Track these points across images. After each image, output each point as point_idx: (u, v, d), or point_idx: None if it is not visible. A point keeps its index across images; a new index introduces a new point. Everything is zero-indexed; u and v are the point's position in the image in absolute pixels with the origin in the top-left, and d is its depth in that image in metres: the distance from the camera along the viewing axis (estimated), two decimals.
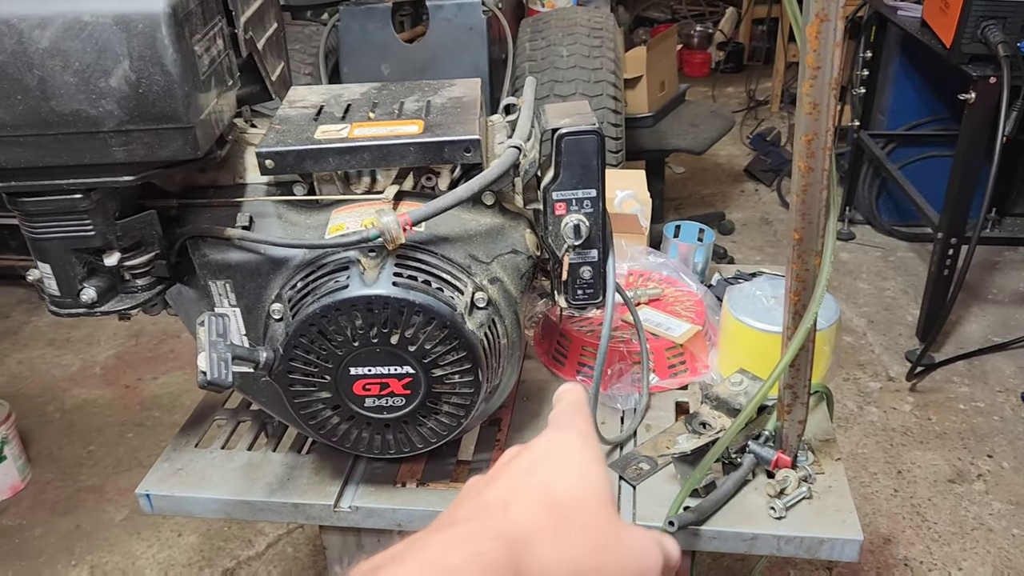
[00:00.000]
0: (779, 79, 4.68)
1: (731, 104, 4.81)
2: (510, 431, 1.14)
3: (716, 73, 5.27)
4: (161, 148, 0.85)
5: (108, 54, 0.80)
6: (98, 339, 3.19)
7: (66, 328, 3.26)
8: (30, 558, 2.29)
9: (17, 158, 0.83)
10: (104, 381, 2.97)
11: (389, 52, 2.28)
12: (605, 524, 0.46)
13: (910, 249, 3.45)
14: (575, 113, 0.95)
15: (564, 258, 0.96)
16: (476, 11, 2.24)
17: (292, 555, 2.28)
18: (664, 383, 1.18)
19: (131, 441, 2.69)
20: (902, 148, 3.40)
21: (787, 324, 0.93)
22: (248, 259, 0.96)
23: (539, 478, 0.47)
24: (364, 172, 1.02)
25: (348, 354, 0.92)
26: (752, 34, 5.34)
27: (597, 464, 0.49)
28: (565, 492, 0.46)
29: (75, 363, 3.07)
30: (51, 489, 2.52)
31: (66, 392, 2.92)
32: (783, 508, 0.96)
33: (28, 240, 0.90)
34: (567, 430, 0.52)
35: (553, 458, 0.49)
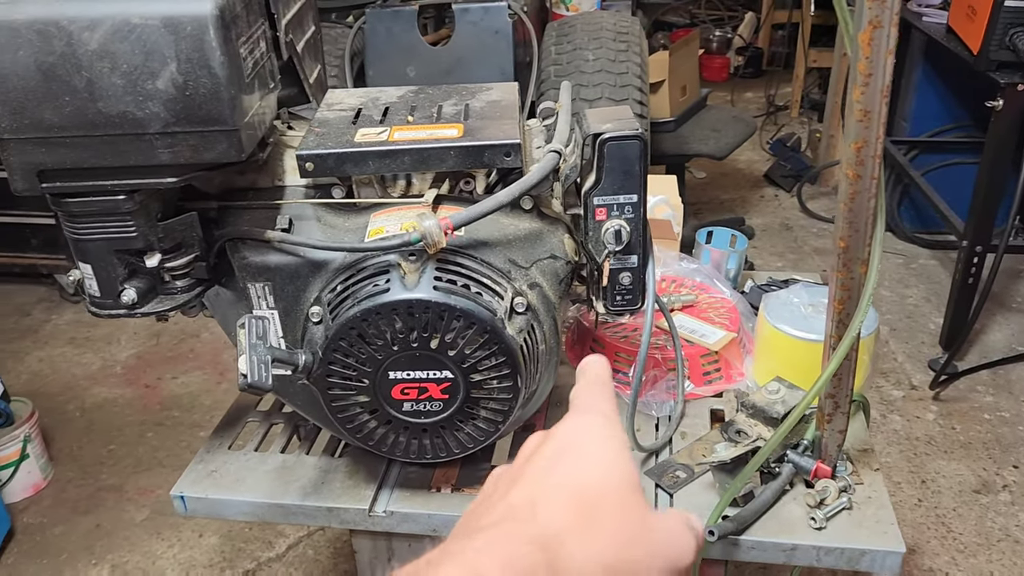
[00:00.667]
0: (799, 84, 4.66)
1: (750, 109, 4.80)
2: None
3: (735, 78, 5.25)
4: (206, 150, 0.85)
5: (156, 56, 0.80)
6: (118, 338, 3.21)
7: (86, 327, 3.28)
8: (51, 556, 2.30)
9: (63, 159, 0.84)
10: (124, 380, 2.98)
11: (415, 55, 2.28)
12: (635, 515, 0.45)
13: (932, 256, 3.43)
14: (617, 118, 0.95)
15: (604, 264, 0.95)
16: (502, 14, 2.24)
17: (313, 557, 2.28)
18: (699, 390, 1.17)
19: (151, 441, 2.69)
20: (924, 155, 3.38)
21: (830, 333, 0.92)
22: (287, 262, 0.96)
23: (564, 471, 0.46)
24: (402, 175, 1.02)
25: (387, 358, 0.92)
26: (772, 39, 5.32)
27: (622, 451, 0.47)
28: (592, 485, 0.45)
29: (96, 362, 3.08)
30: (72, 488, 2.53)
31: (87, 391, 2.93)
32: (823, 518, 0.95)
33: (70, 241, 0.91)
34: (589, 414, 0.50)
35: (576, 448, 0.47)
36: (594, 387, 0.53)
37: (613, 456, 0.46)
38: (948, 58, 3.01)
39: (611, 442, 0.47)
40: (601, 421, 0.49)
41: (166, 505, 2.45)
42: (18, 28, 0.79)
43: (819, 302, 1.15)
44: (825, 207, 3.84)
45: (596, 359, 0.57)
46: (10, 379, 2.64)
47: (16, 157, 0.83)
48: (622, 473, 0.46)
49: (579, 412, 0.51)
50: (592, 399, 0.52)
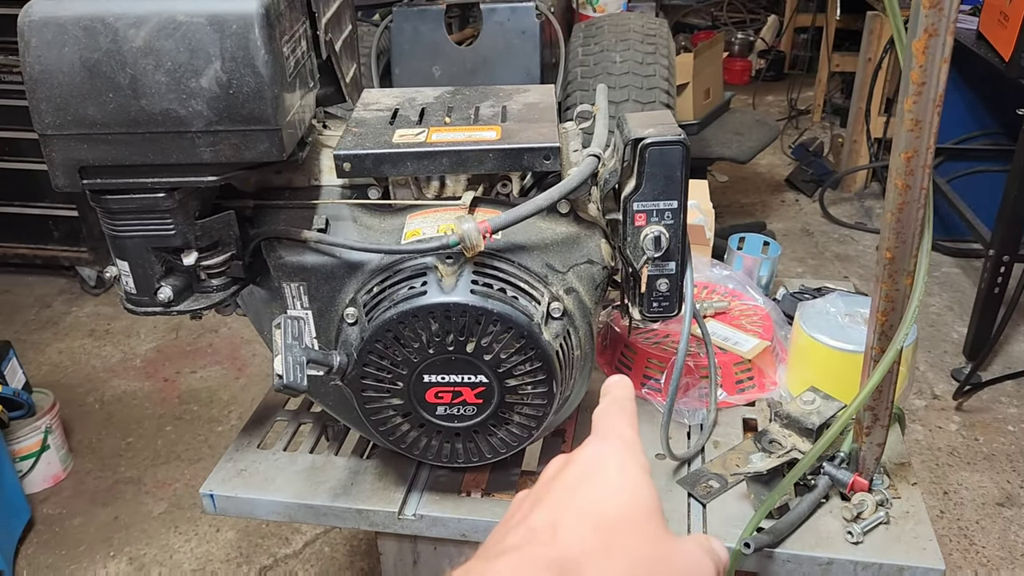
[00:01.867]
0: (821, 89, 4.63)
1: (771, 113, 4.77)
2: (574, 442, 1.12)
3: (756, 81, 5.22)
4: (247, 149, 0.84)
5: (200, 54, 0.80)
6: (138, 331, 3.22)
7: (106, 319, 3.29)
8: (70, 547, 2.31)
9: (105, 156, 0.83)
10: (144, 373, 2.99)
11: (441, 54, 2.28)
12: (655, 541, 0.45)
13: (955, 265, 3.40)
14: (658, 123, 0.94)
15: (643, 270, 0.94)
16: (529, 15, 2.23)
17: (329, 555, 2.28)
18: (731, 399, 1.16)
19: (169, 434, 2.70)
20: (950, 162, 3.35)
21: (871, 344, 0.91)
22: (323, 262, 0.96)
23: (585, 497, 0.46)
24: (437, 177, 1.01)
25: (422, 361, 0.91)
26: (794, 43, 5.29)
27: (642, 476, 0.48)
28: (612, 511, 0.45)
29: (115, 355, 3.09)
30: (91, 480, 2.54)
31: (106, 383, 2.94)
32: (860, 533, 0.94)
33: (108, 237, 0.90)
34: (610, 440, 0.50)
35: (598, 473, 0.48)
36: (617, 410, 0.54)
37: (634, 482, 0.47)
38: (977, 64, 2.98)
39: (632, 468, 0.48)
40: (622, 447, 0.49)
41: (183, 499, 2.46)
42: (64, 24, 0.78)
43: (856, 312, 1.13)
44: (847, 213, 3.82)
45: (620, 380, 0.57)
46: (31, 370, 2.65)
47: (58, 153, 0.83)
48: (643, 499, 0.46)
49: (600, 437, 0.51)
50: (614, 422, 0.52)
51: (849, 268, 3.40)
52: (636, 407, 0.55)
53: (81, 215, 3.25)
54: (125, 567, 2.24)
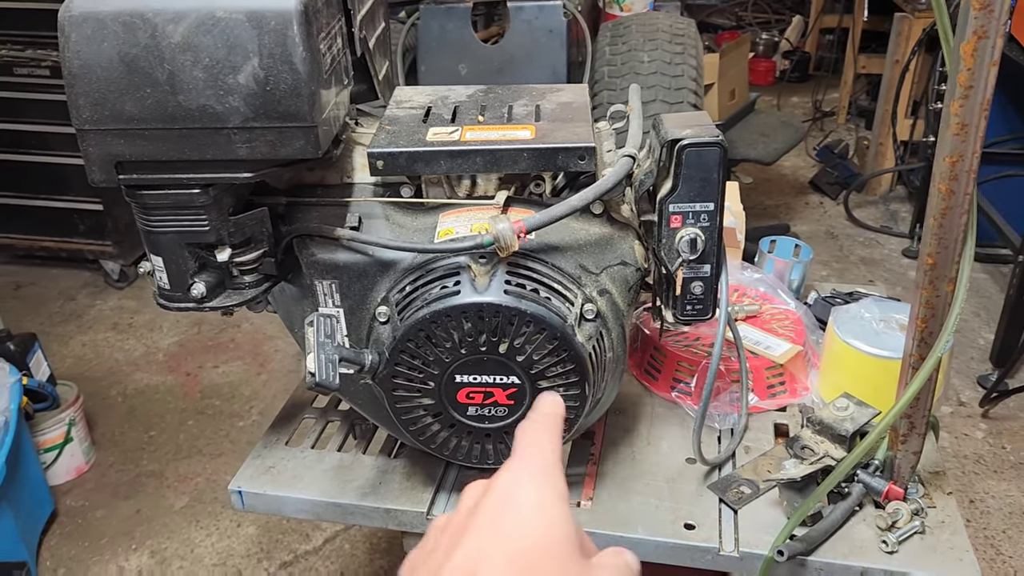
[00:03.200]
0: (847, 90, 4.59)
1: (796, 114, 4.73)
2: (603, 444, 1.11)
3: (781, 82, 5.18)
4: (283, 146, 0.84)
5: (238, 50, 0.79)
6: (160, 325, 3.23)
7: (129, 313, 3.32)
8: (93, 539, 2.32)
9: (141, 151, 0.83)
10: (166, 367, 3.00)
11: (467, 52, 2.27)
12: (570, 570, 0.45)
13: (983, 270, 3.36)
14: (696, 124, 0.93)
15: (678, 272, 0.93)
16: (557, 13, 2.22)
17: (349, 552, 2.28)
18: (762, 403, 1.15)
19: (191, 429, 2.71)
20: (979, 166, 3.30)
21: (910, 351, 0.89)
22: (356, 260, 0.95)
23: (504, 532, 0.46)
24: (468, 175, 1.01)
25: (454, 361, 0.91)
26: (819, 44, 5.24)
27: (559, 505, 0.47)
28: (531, 546, 0.45)
29: (138, 348, 3.11)
30: (113, 472, 2.55)
31: (129, 377, 2.96)
32: (895, 542, 0.93)
33: (143, 233, 0.90)
34: (528, 461, 0.50)
35: (515, 504, 0.47)
36: (540, 427, 0.53)
37: (550, 512, 0.47)
38: (1008, 67, 2.94)
39: (548, 496, 0.48)
40: (539, 472, 0.49)
41: (205, 493, 2.47)
42: (104, 20, 0.78)
43: (890, 317, 1.12)
44: (872, 216, 3.78)
45: (552, 397, 0.57)
46: (54, 362, 2.67)
47: (95, 148, 0.83)
48: (558, 529, 0.46)
49: (519, 457, 0.50)
50: (535, 440, 0.52)
51: (874, 272, 3.37)
52: (562, 427, 0.54)
53: (106, 209, 3.27)
54: (147, 560, 2.25)
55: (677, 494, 1.03)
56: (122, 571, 2.22)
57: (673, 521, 0.99)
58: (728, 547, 0.95)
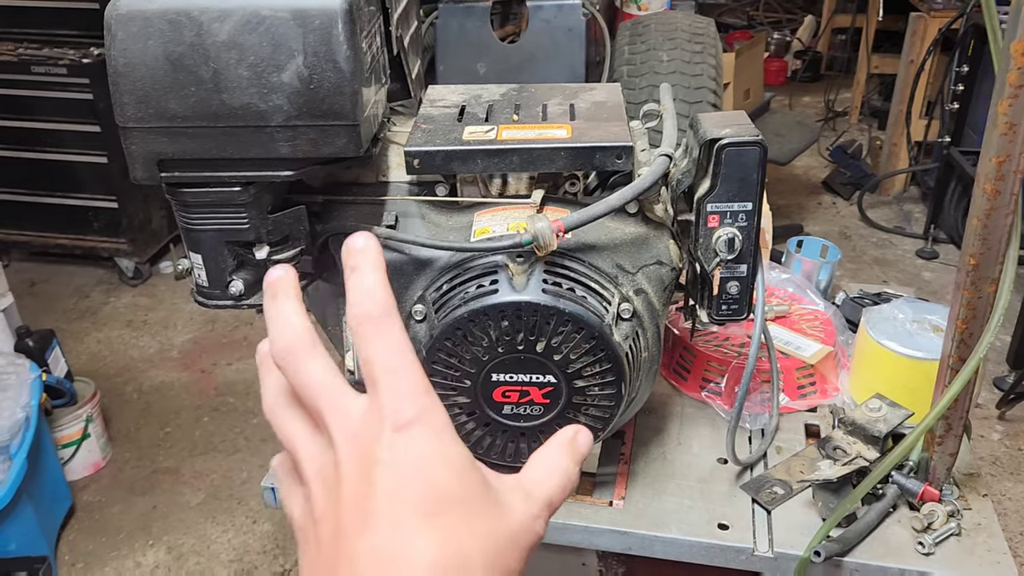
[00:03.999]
0: (859, 90, 4.58)
1: (808, 114, 4.72)
2: (634, 444, 1.11)
3: (792, 82, 5.17)
4: (325, 145, 0.84)
5: (283, 49, 0.80)
6: (175, 322, 3.24)
7: (143, 310, 3.32)
8: (110, 534, 2.33)
9: (184, 149, 0.83)
10: (181, 364, 3.01)
11: (486, 51, 2.27)
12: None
13: None
14: (734, 123, 0.93)
15: (715, 272, 0.93)
16: (576, 12, 2.22)
17: None
18: (793, 404, 1.15)
19: (206, 425, 2.72)
20: None
21: (949, 352, 0.89)
22: (392, 258, 0.95)
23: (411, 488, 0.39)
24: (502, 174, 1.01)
25: (491, 360, 0.91)
26: (831, 43, 5.23)
27: (455, 451, 0.41)
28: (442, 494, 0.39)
29: (153, 345, 3.12)
30: (129, 468, 2.56)
31: (144, 373, 2.97)
32: (932, 544, 0.93)
33: (183, 230, 0.91)
34: (412, 427, 0.40)
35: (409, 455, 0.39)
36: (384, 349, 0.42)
37: (456, 465, 0.41)
38: None
39: (446, 447, 0.41)
40: (431, 432, 0.41)
41: (221, 490, 2.47)
42: (150, 18, 0.79)
43: (923, 319, 1.12)
44: (885, 216, 3.78)
45: (365, 240, 0.45)
46: (70, 359, 2.68)
47: (138, 146, 0.83)
48: (468, 480, 0.41)
49: (399, 429, 0.40)
50: (392, 371, 0.41)
51: (888, 272, 3.36)
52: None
53: (120, 206, 3.28)
54: (164, 556, 2.26)
55: (710, 494, 1.03)
56: (139, 566, 2.23)
57: (707, 521, 0.99)
58: (762, 547, 0.95)
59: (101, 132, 3.11)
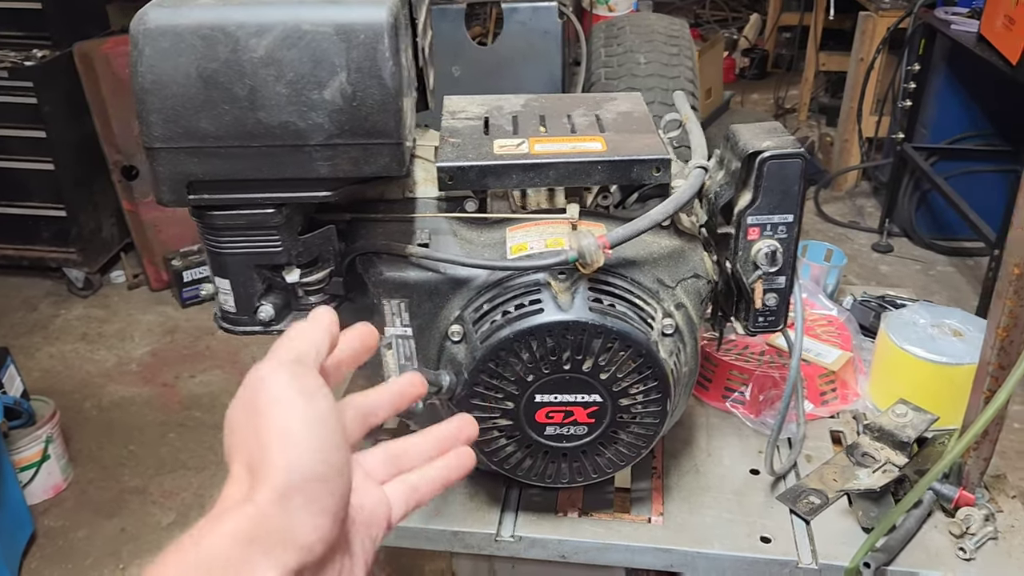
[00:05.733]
0: (807, 87, 4.67)
1: (758, 111, 4.79)
2: (664, 457, 1.10)
3: (740, 80, 5.24)
4: (367, 164, 0.80)
5: (325, 65, 0.76)
6: (131, 334, 3.13)
7: (97, 323, 3.20)
8: (76, 560, 2.23)
9: (216, 170, 0.79)
10: (141, 379, 2.91)
11: (461, 54, 2.23)
12: None
13: (949, 263, 3.45)
14: (772, 134, 0.92)
15: (757, 285, 0.92)
16: (552, 15, 2.19)
17: None
18: (817, 411, 1.15)
19: (173, 442, 2.63)
20: (944, 162, 3.39)
21: (988, 359, 0.90)
22: (427, 278, 0.92)
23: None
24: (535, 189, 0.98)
25: (536, 381, 0.89)
26: (777, 41, 5.33)
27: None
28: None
29: (110, 359, 3.00)
30: (93, 489, 2.46)
31: (102, 389, 2.86)
32: (973, 549, 0.94)
33: (209, 254, 0.86)
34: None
35: None
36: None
37: None
38: (974, 66, 3.02)
39: None
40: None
41: (193, 508, 2.39)
42: (181, 33, 0.74)
43: (941, 323, 1.13)
44: (839, 211, 3.86)
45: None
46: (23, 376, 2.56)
47: (166, 167, 0.79)
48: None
49: None
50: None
51: (847, 267, 3.43)
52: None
53: (69, 215, 3.15)
54: None
55: (747, 506, 1.02)
56: None
57: (748, 535, 0.98)
58: (806, 559, 0.95)
59: (47, 138, 2.98)
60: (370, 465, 0.55)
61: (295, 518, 0.43)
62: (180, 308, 3.24)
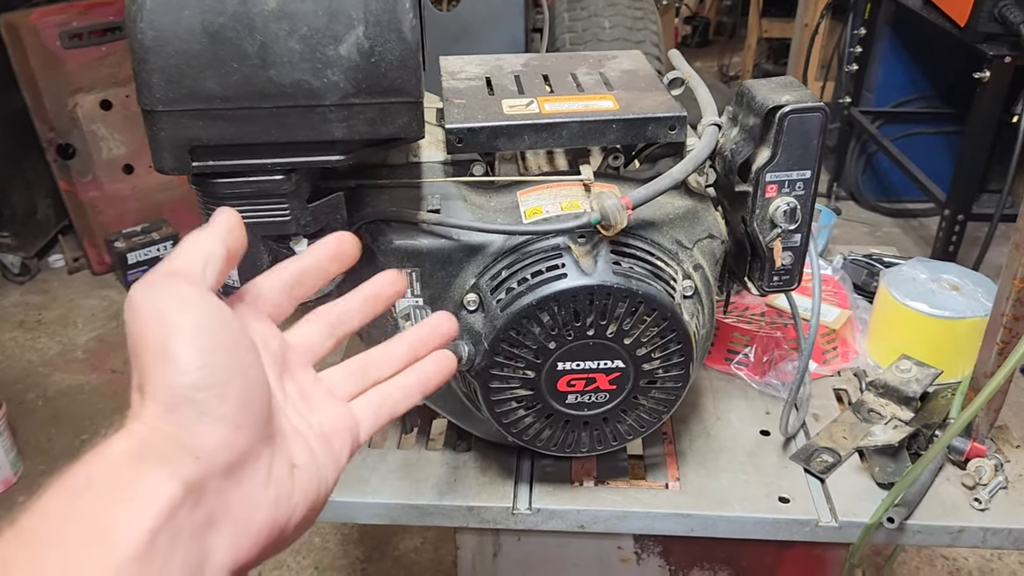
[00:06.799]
0: (751, 54, 4.71)
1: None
2: (674, 422, 1.09)
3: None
4: (384, 125, 0.76)
5: (341, 17, 0.71)
6: (74, 321, 3.00)
7: (36, 309, 3.05)
8: None
9: (222, 134, 0.73)
10: (88, 366, 2.79)
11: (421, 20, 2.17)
12: None
13: (894, 224, 3.53)
14: (790, 88, 0.90)
15: (776, 243, 0.91)
16: None
17: (320, 545, 2.19)
18: (820, 370, 1.15)
19: None
20: (888, 125, 3.46)
21: (1003, 311, 0.91)
22: (440, 245, 0.88)
23: None
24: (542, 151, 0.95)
25: (559, 348, 0.86)
26: (718, 9, 5.35)
27: None
28: None
29: (52, 347, 2.87)
30: (45, 482, 2.35)
31: (47, 378, 2.73)
32: (988, 499, 0.95)
33: None
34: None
35: None
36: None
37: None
38: (917, 29, 3.08)
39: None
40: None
41: None
42: None
43: (939, 278, 1.14)
44: None
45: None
46: None
47: (167, 132, 0.73)
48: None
49: None
50: None
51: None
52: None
53: (1, 196, 2.99)
54: None
55: (761, 468, 1.01)
56: None
57: (767, 496, 0.97)
58: (825, 518, 0.95)
59: None
60: (335, 380, 0.54)
61: (186, 429, 0.41)
62: (125, 291, 3.10)
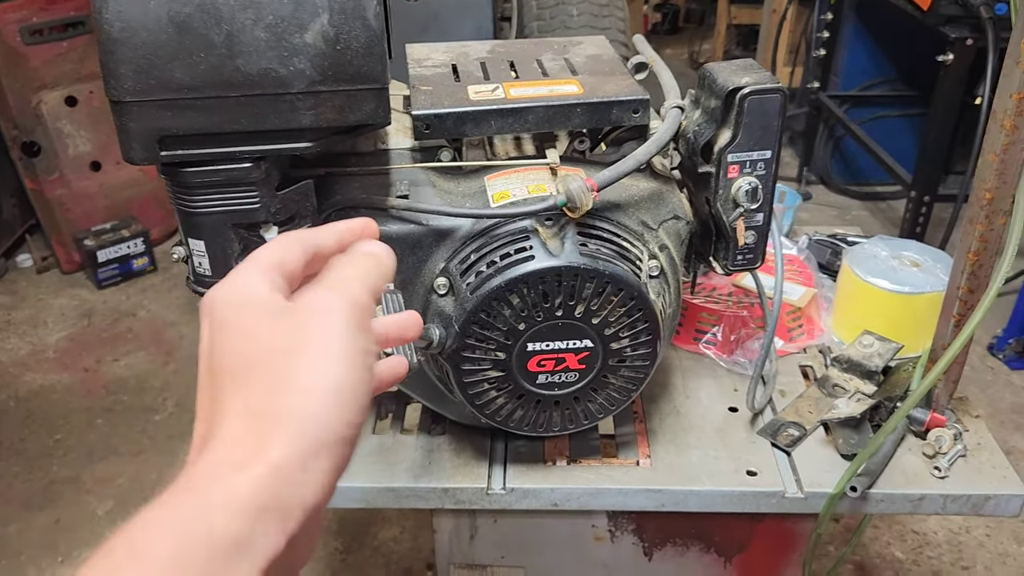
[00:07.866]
0: (720, 41, 4.74)
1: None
2: (644, 401, 1.11)
3: (653, 34, 5.28)
4: (352, 112, 0.77)
5: (307, 5, 0.72)
6: (44, 320, 2.97)
7: (4, 310, 3.02)
8: (9, 557, 2.13)
9: (191, 123, 0.74)
10: (60, 365, 2.76)
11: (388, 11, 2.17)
12: None
13: (863, 208, 3.58)
14: (749, 71, 0.92)
15: (739, 223, 0.93)
16: None
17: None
18: (786, 347, 1.18)
19: (101, 428, 2.52)
20: (855, 109, 3.50)
21: (959, 284, 0.93)
22: (409, 231, 0.89)
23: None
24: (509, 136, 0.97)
25: (528, 329, 0.87)
26: None
27: None
28: None
29: (22, 347, 2.84)
30: (20, 483, 2.34)
31: (18, 379, 2.71)
32: (947, 467, 0.98)
33: (181, 215, 0.81)
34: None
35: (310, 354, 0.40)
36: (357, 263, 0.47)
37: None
38: (882, 13, 3.12)
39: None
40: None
41: (131, 494, 2.30)
42: None
43: (900, 255, 1.17)
44: None
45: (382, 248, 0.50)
46: None
47: (136, 122, 0.73)
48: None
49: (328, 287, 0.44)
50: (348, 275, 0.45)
51: None
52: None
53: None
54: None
55: (730, 443, 1.04)
56: None
57: (735, 470, 1.00)
58: (791, 489, 0.98)
59: None
60: None
61: (313, 480, 0.36)
62: (96, 290, 3.08)
